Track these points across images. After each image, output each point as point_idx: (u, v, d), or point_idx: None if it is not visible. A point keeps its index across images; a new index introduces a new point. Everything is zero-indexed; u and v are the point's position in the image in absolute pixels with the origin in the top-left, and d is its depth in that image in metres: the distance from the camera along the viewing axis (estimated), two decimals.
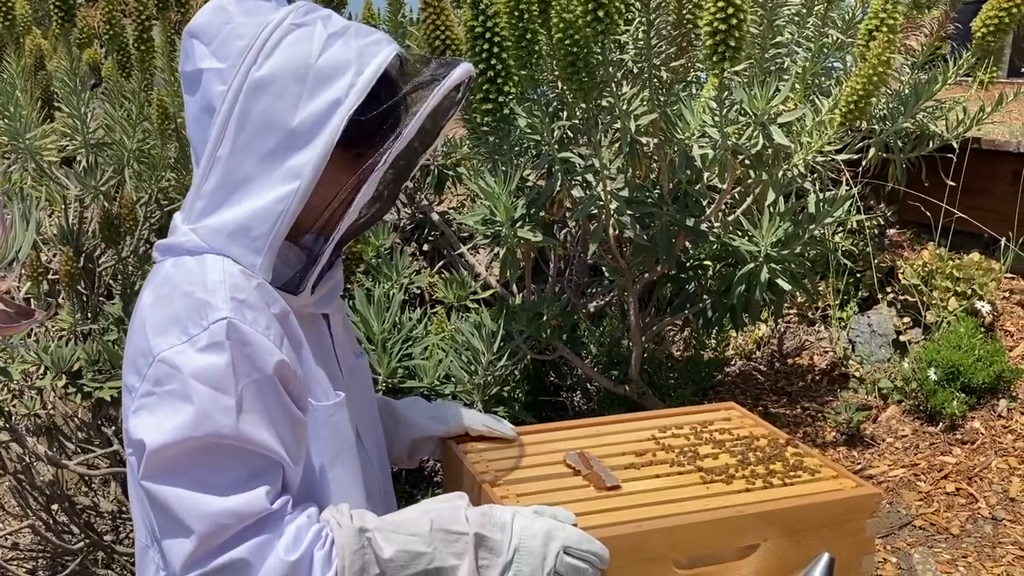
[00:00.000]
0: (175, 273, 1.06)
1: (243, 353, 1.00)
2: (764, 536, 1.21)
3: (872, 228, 3.58)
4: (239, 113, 1.04)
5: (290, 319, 1.08)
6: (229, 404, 0.98)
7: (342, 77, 1.04)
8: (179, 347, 1.00)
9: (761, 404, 3.28)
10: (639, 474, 1.32)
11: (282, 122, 1.03)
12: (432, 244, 3.39)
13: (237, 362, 0.99)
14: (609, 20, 1.98)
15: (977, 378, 2.98)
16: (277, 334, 1.04)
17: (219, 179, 1.05)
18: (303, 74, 1.03)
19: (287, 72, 1.03)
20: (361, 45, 1.06)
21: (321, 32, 1.06)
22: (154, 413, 0.99)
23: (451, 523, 1.08)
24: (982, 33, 2.34)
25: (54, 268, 2.48)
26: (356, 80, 1.04)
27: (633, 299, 2.67)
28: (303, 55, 1.04)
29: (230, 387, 0.99)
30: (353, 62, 1.05)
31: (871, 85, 2.00)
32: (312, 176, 1.03)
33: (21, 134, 2.37)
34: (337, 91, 1.04)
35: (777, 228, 2.32)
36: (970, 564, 2.47)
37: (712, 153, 2.20)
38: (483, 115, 2.31)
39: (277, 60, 1.04)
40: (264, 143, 1.04)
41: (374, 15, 3.30)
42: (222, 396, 0.98)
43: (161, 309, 1.03)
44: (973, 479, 2.80)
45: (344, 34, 1.07)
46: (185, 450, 0.98)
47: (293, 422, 1.05)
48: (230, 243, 1.05)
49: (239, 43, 1.05)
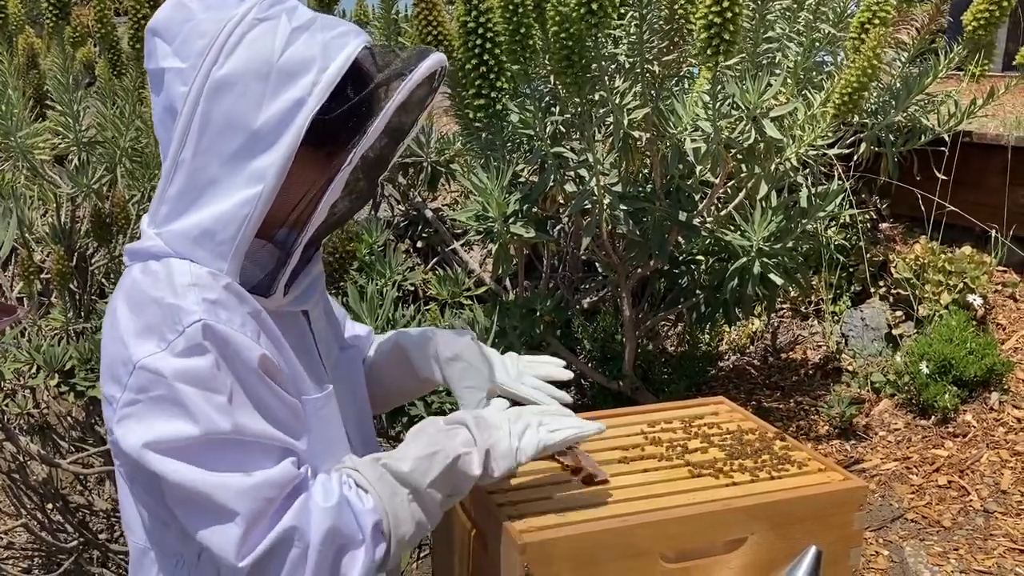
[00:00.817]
0: (143, 279, 1.03)
1: (224, 352, 0.99)
2: (752, 530, 1.21)
3: (864, 222, 3.59)
4: (201, 115, 1.01)
5: (262, 317, 1.06)
6: (221, 402, 0.98)
7: (306, 75, 1.00)
8: (159, 354, 0.98)
9: (755, 398, 3.29)
10: (628, 468, 1.33)
11: (245, 123, 1.00)
12: (426, 241, 3.40)
13: (220, 361, 0.99)
14: (603, 13, 1.98)
15: (969, 371, 2.99)
16: (253, 330, 1.03)
17: (183, 183, 1.03)
18: (265, 72, 1.00)
19: (249, 71, 1.00)
20: (327, 39, 1.02)
21: (285, 27, 1.01)
22: (142, 420, 0.98)
23: (443, 423, 1.14)
24: (973, 27, 2.34)
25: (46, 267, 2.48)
26: (320, 77, 1.00)
27: (626, 294, 2.68)
28: (266, 52, 1.00)
29: (218, 385, 0.98)
30: (317, 58, 1.01)
31: (864, 78, 2.00)
32: (276, 179, 1.00)
33: (13, 132, 2.37)
34: (300, 90, 1.00)
35: (769, 222, 2.33)
36: (962, 556, 2.48)
37: (704, 147, 2.21)
38: (476, 111, 2.32)
39: (239, 58, 1.00)
40: (227, 145, 1.01)
41: (367, 12, 3.30)
42: (213, 395, 0.97)
43: (136, 318, 1.01)
44: (965, 472, 2.81)
45: (309, 28, 1.02)
46: (188, 447, 0.97)
47: (289, 407, 1.05)
48: (195, 248, 1.03)
49: (200, 42, 1.01)
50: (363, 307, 2.53)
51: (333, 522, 1.01)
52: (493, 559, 1.19)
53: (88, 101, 2.53)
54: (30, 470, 2.33)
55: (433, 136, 3.03)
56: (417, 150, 3.00)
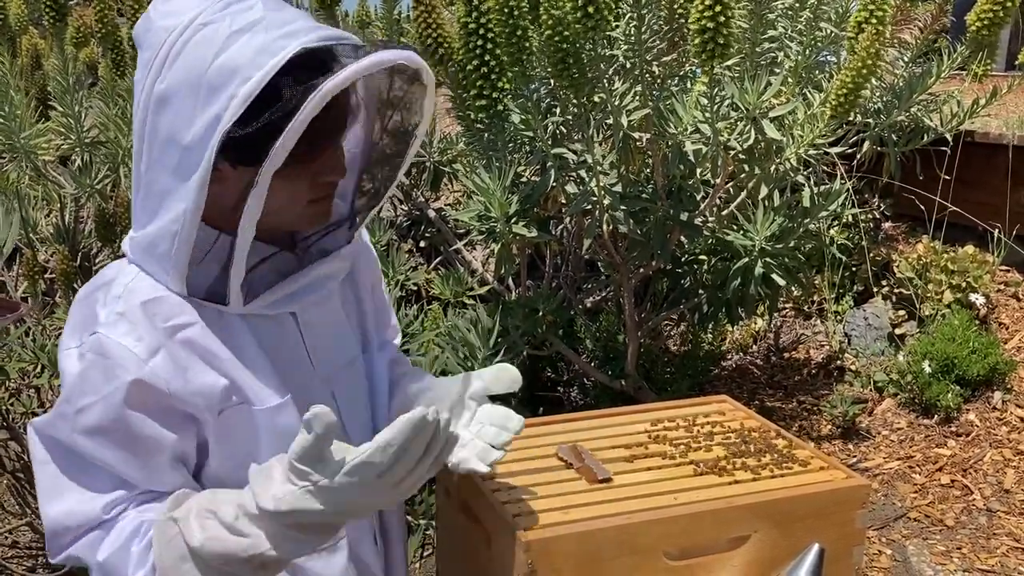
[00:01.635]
0: (105, 274, 1.07)
1: (99, 367, 0.99)
2: (754, 527, 1.21)
3: (867, 222, 3.59)
4: (150, 130, 0.98)
5: (194, 329, 1.02)
6: (67, 413, 1.00)
7: (228, 86, 0.93)
8: (70, 350, 1.02)
9: (757, 398, 3.29)
10: (631, 467, 1.33)
11: (178, 139, 0.96)
12: (428, 241, 3.40)
13: (88, 376, 0.99)
14: (599, 16, 1.99)
15: (972, 370, 2.99)
16: (149, 347, 1.00)
17: (143, 195, 1.02)
18: (197, 85, 0.94)
19: (184, 84, 0.95)
20: (266, 42, 0.93)
21: (223, 31, 0.94)
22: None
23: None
24: (977, 27, 2.35)
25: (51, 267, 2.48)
26: (239, 90, 0.92)
27: (628, 294, 2.68)
28: (199, 63, 0.94)
29: (74, 397, 1.00)
30: (243, 67, 0.92)
31: (861, 78, 2.00)
32: (195, 199, 0.95)
33: (16, 133, 2.37)
34: (220, 104, 0.93)
35: (771, 222, 2.33)
36: (965, 555, 2.48)
37: (705, 148, 2.21)
38: (477, 111, 2.32)
39: (176, 71, 0.95)
40: (170, 159, 0.97)
41: (369, 13, 3.31)
42: (64, 405, 1.00)
43: (77, 311, 1.05)
44: (968, 471, 2.81)
45: (251, 30, 0.94)
46: (43, 434, 1.03)
47: (144, 442, 1.01)
48: (146, 258, 1.04)
49: (147, 53, 0.98)
50: None
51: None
52: (497, 557, 1.19)
53: (91, 101, 2.54)
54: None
55: (435, 136, 3.04)
56: (420, 150, 3.01)
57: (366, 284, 1.27)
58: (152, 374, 0.99)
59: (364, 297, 1.27)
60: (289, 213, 1.05)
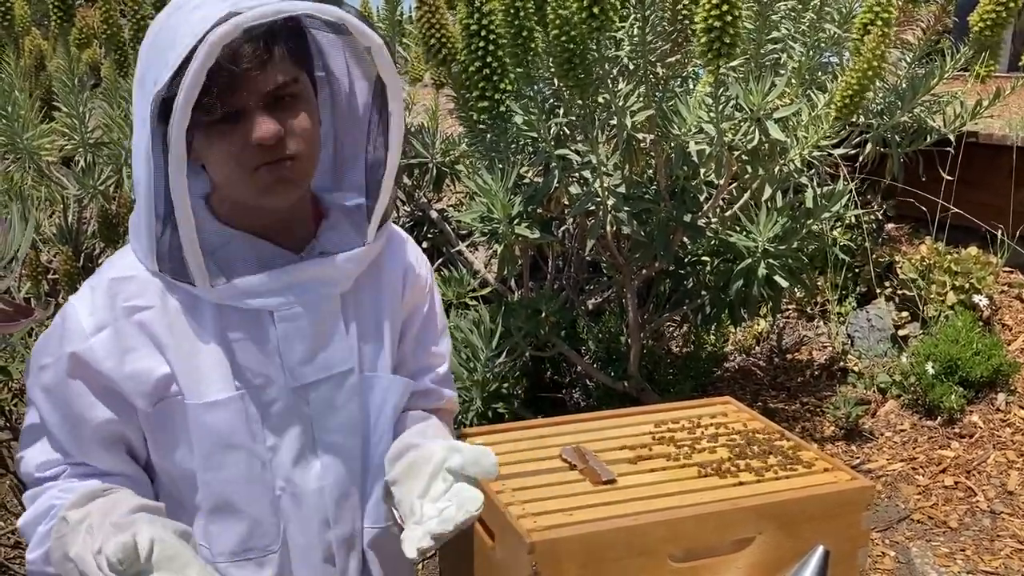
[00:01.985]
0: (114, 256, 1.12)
1: (57, 332, 1.05)
2: (759, 529, 1.21)
3: (870, 223, 3.58)
4: (136, 107, 1.04)
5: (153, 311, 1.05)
6: (33, 368, 1.06)
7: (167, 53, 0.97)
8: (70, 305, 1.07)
9: (760, 399, 3.28)
10: (635, 468, 1.33)
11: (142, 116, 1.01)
12: (431, 241, 3.40)
13: (48, 338, 1.06)
14: (604, 16, 1.99)
15: (975, 372, 2.98)
16: (98, 322, 1.04)
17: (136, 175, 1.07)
18: (143, 68, 1.01)
19: (144, 61, 1.01)
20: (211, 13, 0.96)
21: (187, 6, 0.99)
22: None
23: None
24: (980, 27, 2.35)
25: (54, 267, 2.48)
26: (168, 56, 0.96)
27: (631, 295, 2.68)
28: (148, 38, 1.03)
29: (38, 354, 1.06)
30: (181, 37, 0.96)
31: (866, 79, 2.00)
32: (145, 168, 1.00)
33: (20, 134, 2.38)
34: (155, 71, 0.98)
35: (774, 223, 2.33)
36: (968, 557, 2.47)
37: (708, 149, 2.21)
38: (480, 112, 2.32)
39: (142, 51, 1.03)
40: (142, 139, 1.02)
41: (371, 13, 3.31)
42: (32, 358, 1.07)
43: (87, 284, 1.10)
44: (971, 472, 2.80)
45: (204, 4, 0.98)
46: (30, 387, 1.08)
47: (75, 416, 1.06)
48: (132, 237, 1.09)
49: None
50: None
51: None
52: (501, 558, 1.19)
53: (94, 102, 2.54)
54: None
55: (438, 137, 3.04)
56: (422, 151, 3.01)
57: (409, 305, 1.22)
58: (89, 349, 1.03)
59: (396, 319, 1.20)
60: (240, 184, 1.03)
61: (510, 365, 2.65)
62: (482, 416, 2.57)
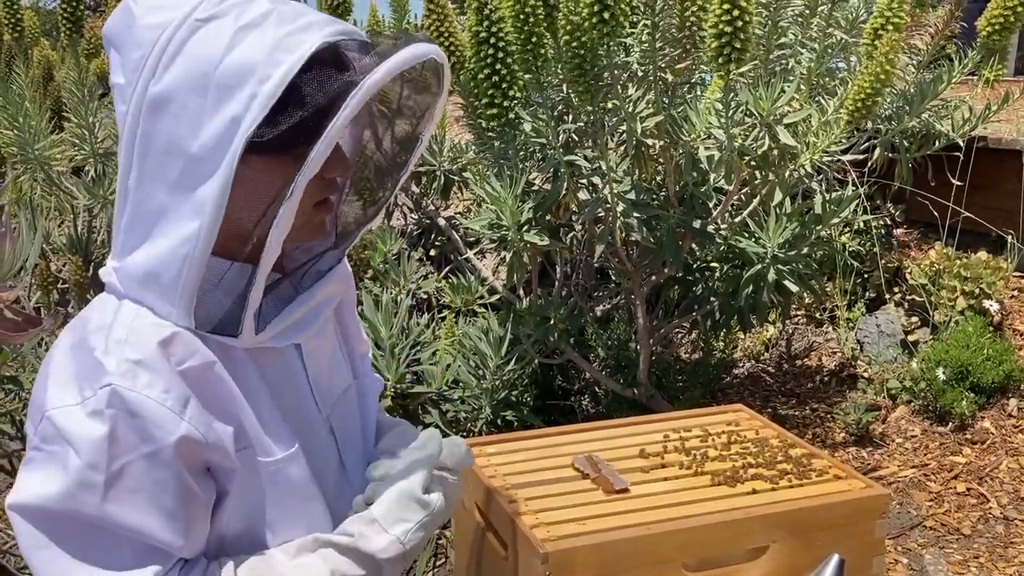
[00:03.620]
0: (92, 318, 0.93)
1: (128, 425, 0.86)
2: (773, 538, 1.21)
3: (879, 228, 3.57)
4: (142, 138, 0.88)
5: (213, 371, 0.92)
6: (98, 482, 0.85)
7: (245, 86, 0.84)
8: (70, 408, 0.87)
9: (770, 406, 3.27)
10: (648, 477, 1.32)
11: (182, 147, 0.86)
12: (439, 249, 3.40)
13: (117, 436, 0.86)
14: (615, 22, 1.99)
15: (986, 377, 2.97)
16: (180, 397, 0.89)
17: (131, 213, 0.91)
18: (203, 85, 0.85)
19: (187, 84, 0.85)
20: (279, 37, 0.85)
21: (229, 27, 0.86)
22: (32, 472, 0.88)
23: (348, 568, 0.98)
24: (987, 32, 2.34)
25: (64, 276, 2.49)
26: (259, 89, 0.84)
27: (640, 302, 2.67)
28: (204, 62, 0.85)
29: (101, 463, 0.86)
30: (260, 64, 0.84)
31: (878, 84, 2.00)
32: (215, 212, 0.86)
33: (30, 144, 2.39)
34: (237, 105, 0.84)
35: (784, 229, 2.32)
36: (982, 564, 2.46)
37: (718, 155, 2.20)
38: (488, 119, 2.32)
39: (176, 71, 0.86)
40: (171, 171, 0.87)
41: (379, 21, 3.32)
42: (90, 472, 0.86)
43: (67, 362, 0.91)
44: (984, 479, 2.79)
45: (260, 24, 0.86)
46: (49, 516, 0.87)
47: (185, 499, 0.91)
48: (143, 291, 0.91)
49: (136, 53, 0.88)
50: (378, 315, 2.54)
51: None
52: (514, 568, 1.18)
53: (104, 112, 2.55)
54: None
55: (446, 145, 3.04)
56: (430, 159, 3.01)
57: (350, 301, 1.19)
58: (191, 429, 0.89)
59: (349, 319, 1.18)
60: (297, 221, 0.92)
61: (519, 372, 2.64)
62: (491, 424, 2.56)
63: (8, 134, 2.37)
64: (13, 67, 2.52)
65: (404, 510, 1.00)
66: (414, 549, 1.00)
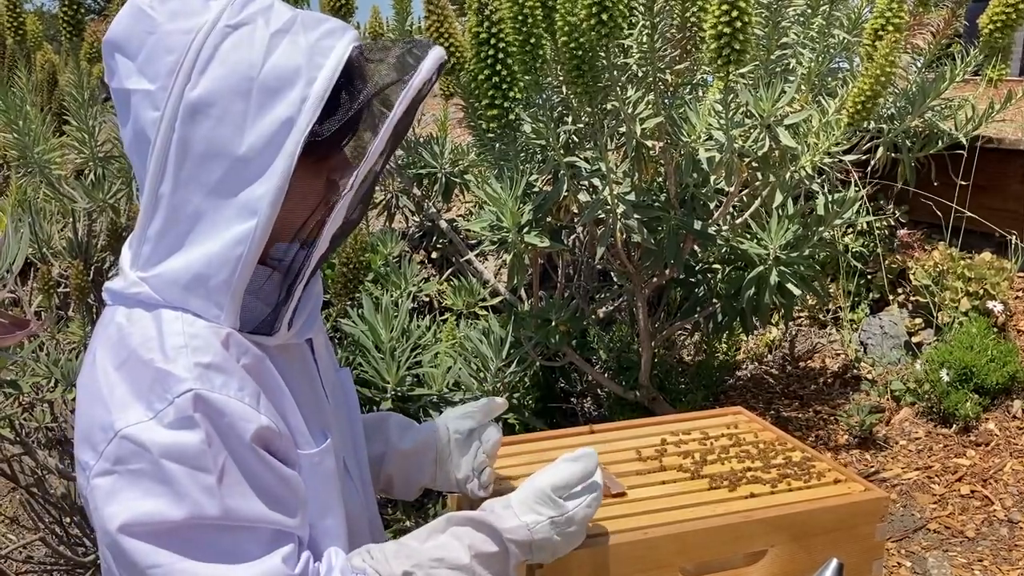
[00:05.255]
0: (131, 332, 0.92)
1: (218, 425, 0.88)
2: (772, 542, 1.20)
3: (882, 229, 3.56)
4: (178, 143, 0.89)
5: (265, 366, 0.95)
6: (210, 483, 0.87)
7: (292, 88, 0.88)
8: (145, 423, 0.87)
9: (773, 408, 3.26)
10: (646, 480, 1.32)
11: (228, 149, 0.88)
12: (440, 251, 3.40)
13: (212, 436, 0.88)
14: (613, 23, 1.98)
15: (991, 379, 2.95)
16: (253, 393, 0.92)
17: (165, 220, 0.91)
18: (246, 89, 0.88)
19: (227, 89, 0.88)
20: (311, 41, 0.90)
21: (262, 32, 0.89)
22: (117, 496, 0.87)
23: (483, 544, 1.02)
24: (989, 30, 2.33)
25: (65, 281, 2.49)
26: (308, 91, 0.89)
27: (642, 304, 2.67)
28: (243, 66, 0.88)
29: (208, 464, 0.87)
30: (303, 68, 0.89)
31: (878, 85, 1.99)
32: (271, 211, 0.89)
33: (31, 148, 2.39)
34: (288, 107, 0.88)
35: (786, 230, 2.31)
36: (986, 567, 2.44)
37: (718, 156, 2.19)
38: (489, 121, 2.32)
39: (214, 75, 0.88)
40: (211, 175, 0.89)
41: (381, 23, 3.32)
42: (201, 475, 0.86)
43: (121, 379, 0.90)
44: (988, 481, 2.77)
45: (290, 30, 0.90)
46: (171, 532, 0.87)
47: (285, 481, 0.94)
48: (188, 296, 0.92)
49: (168, 58, 0.88)
50: (378, 318, 2.53)
51: None
52: None
53: (104, 116, 2.55)
54: (48, 484, 2.34)
55: (447, 147, 3.04)
56: (431, 161, 3.00)
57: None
58: (267, 420, 0.92)
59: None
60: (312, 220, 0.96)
61: (520, 375, 2.64)
62: None
63: (8, 137, 2.37)
64: (15, 71, 2.52)
65: (538, 503, 1.04)
66: (542, 544, 1.04)
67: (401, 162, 3.11)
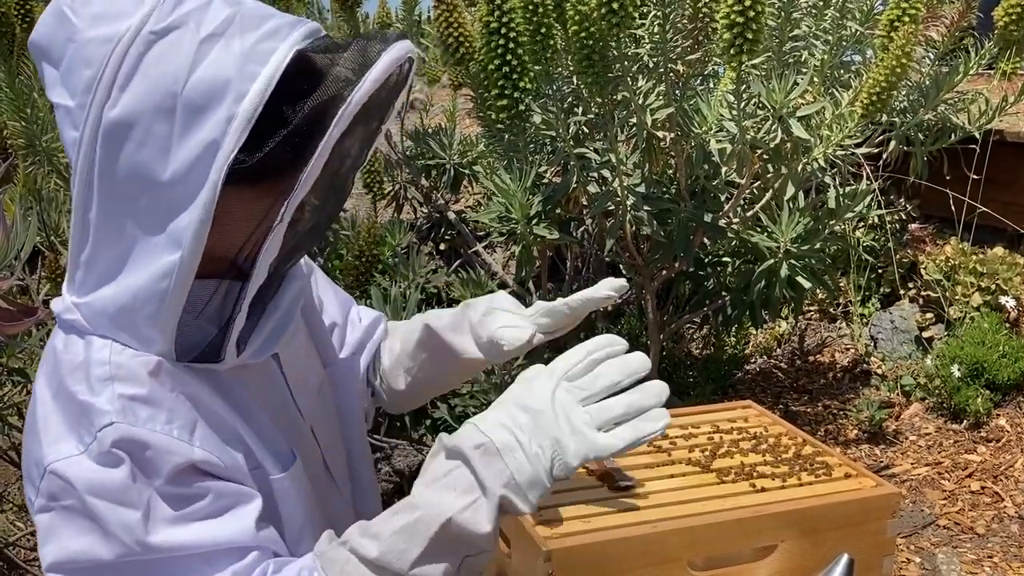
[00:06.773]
0: (63, 360, 0.87)
1: (140, 459, 0.82)
2: (781, 537, 1.18)
3: (893, 223, 3.53)
4: (101, 166, 0.80)
5: (205, 395, 0.89)
6: (134, 519, 0.81)
7: (220, 105, 0.77)
8: (74, 458, 0.82)
9: (782, 402, 3.24)
10: (654, 474, 1.30)
11: (151, 175, 0.79)
12: (448, 243, 3.39)
13: (136, 471, 0.82)
14: (624, 13, 1.96)
15: (1002, 375, 2.93)
16: (185, 424, 0.85)
17: (93, 247, 0.84)
18: (169, 107, 0.77)
19: (149, 107, 0.77)
20: (247, 46, 0.78)
21: (191, 39, 0.78)
22: (53, 533, 0.83)
23: (432, 470, 0.88)
24: (1004, 22, 2.30)
25: None
26: (235, 109, 0.77)
27: (651, 296, 2.65)
28: (168, 79, 0.77)
29: (132, 500, 0.81)
30: (233, 81, 0.77)
31: (893, 77, 1.97)
32: (195, 243, 0.80)
33: (38, 136, 2.39)
34: (213, 128, 0.77)
35: (797, 224, 2.30)
36: (996, 564, 2.43)
37: (730, 147, 2.18)
38: (498, 112, 2.30)
39: (135, 91, 0.78)
40: (137, 201, 0.80)
41: (389, 14, 3.30)
42: (126, 511, 0.81)
43: (55, 411, 0.85)
44: (998, 477, 2.75)
45: (224, 33, 0.78)
46: (99, 570, 0.82)
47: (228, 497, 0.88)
48: (115, 329, 0.85)
49: (86, 72, 0.79)
50: (387, 309, 2.53)
51: None
52: (516, 566, 1.17)
53: None
54: None
55: (456, 138, 3.02)
56: (440, 152, 2.99)
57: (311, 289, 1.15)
58: (205, 454, 0.86)
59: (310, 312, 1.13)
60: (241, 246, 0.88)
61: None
62: None
63: (16, 126, 2.37)
64: (22, 59, 2.51)
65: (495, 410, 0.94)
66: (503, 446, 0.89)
67: (409, 153, 3.10)
